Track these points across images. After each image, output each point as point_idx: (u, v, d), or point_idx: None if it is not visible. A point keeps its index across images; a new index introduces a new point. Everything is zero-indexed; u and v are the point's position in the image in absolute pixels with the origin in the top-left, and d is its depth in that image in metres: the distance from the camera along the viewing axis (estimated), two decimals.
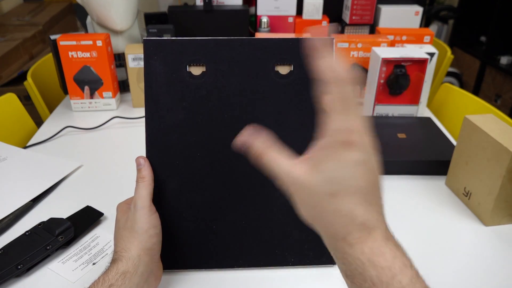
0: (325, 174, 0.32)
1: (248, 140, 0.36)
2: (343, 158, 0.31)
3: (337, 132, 0.32)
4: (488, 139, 0.63)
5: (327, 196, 0.32)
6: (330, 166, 0.32)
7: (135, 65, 0.99)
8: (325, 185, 0.32)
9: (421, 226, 0.66)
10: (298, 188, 0.33)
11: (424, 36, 1.03)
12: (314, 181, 0.32)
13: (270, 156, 0.35)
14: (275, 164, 0.34)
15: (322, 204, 0.32)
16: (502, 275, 0.57)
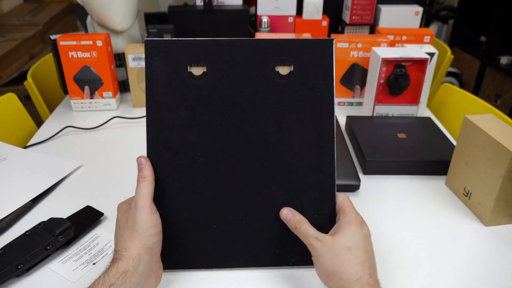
0: (346, 235, 0.48)
1: (288, 214, 0.53)
2: (358, 229, 0.49)
3: (354, 214, 0.52)
4: (488, 139, 0.63)
5: (345, 249, 0.47)
6: (351, 232, 0.49)
7: (135, 65, 0.99)
8: (345, 242, 0.48)
9: (421, 226, 0.66)
10: (322, 245, 0.48)
11: (424, 36, 1.03)
12: (337, 239, 0.48)
13: (306, 226, 0.51)
14: (310, 230, 0.50)
15: (340, 256, 0.47)
16: (502, 275, 0.57)
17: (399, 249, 0.61)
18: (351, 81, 1.03)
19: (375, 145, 0.81)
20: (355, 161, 0.82)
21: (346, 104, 1.05)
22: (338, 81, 1.02)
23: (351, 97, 1.05)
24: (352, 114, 1.01)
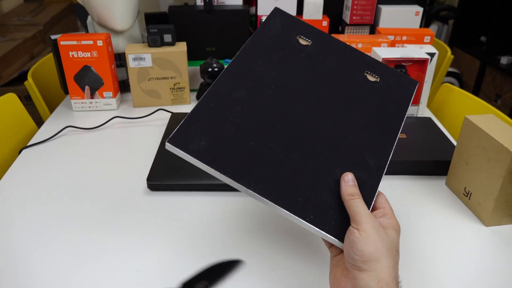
0: (396, 237, 0.46)
1: (351, 179, 0.49)
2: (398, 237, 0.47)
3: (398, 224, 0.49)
4: (489, 139, 0.63)
5: (395, 248, 0.45)
6: (397, 236, 0.47)
7: (135, 65, 0.99)
8: (395, 242, 0.46)
9: (421, 226, 0.66)
10: (378, 228, 0.45)
11: (424, 36, 1.03)
12: (391, 234, 0.46)
13: (359, 200, 0.47)
14: (365, 207, 0.46)
15: (391, 251, 0.44)
16: (502, 275, 0.57)
17: None
18: None
19: None
20: None
21: None
22: None
23: None
24: None
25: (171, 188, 0.73)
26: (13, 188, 0.74)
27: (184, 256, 0.60)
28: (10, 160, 0.85)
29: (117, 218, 0.67)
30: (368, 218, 0.45)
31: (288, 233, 0.64)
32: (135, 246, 0.61)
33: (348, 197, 0.47)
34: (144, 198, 0.71)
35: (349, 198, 0.47)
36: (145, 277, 0.56)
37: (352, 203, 0.46)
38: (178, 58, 1.00)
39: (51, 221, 0.66)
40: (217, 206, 0.70)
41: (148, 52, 0.98)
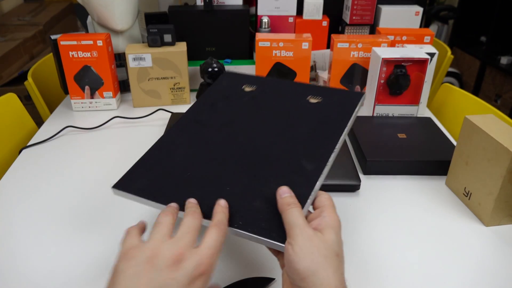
0: (334, 238, 0.42)
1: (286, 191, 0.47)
2: (338, 235, 0.44)
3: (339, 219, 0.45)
4: (489, 139, 0.63)
5: (335, 254, 0.42)
6: (337, 235, 0.43)
7: (135, 65, 0.99)
8: (334, 245, 0.42)
9: (421, 226, 0.66)
10: (312, 240, 0.41)
11: (424, 36, 1.03)
12: (328, 238, 0.42)
13: (297, 209, 0.44)
14: (300, 217, 0.43)
15: (329, 259, 0.41)
16: (502, 276, 0.57)
17: (398, 249, 0.61)
18: (351, 81, 1.03)
19: (375, 145, 0.81)
20: (355, 161, 0.82)
21: None
22: (338, 81, 1.02)
23: None
24: None
25: None
26: (13, 188, 0.74)
27: None
28: (10, 160, 0.86)
29: (117, 218, 0.67)
30: (301, 229, 0.42)
31: None
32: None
33: (283, 207, 0.45)
34: None
35: (285, 209, 0.44)
36: None
37: (288, 213, 0.44)
38: (178, 58, 1.00)
39: (50, 220, 0.66)
40: None
41: (148, 52, 0.98)
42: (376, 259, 0.59)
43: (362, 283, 0.56)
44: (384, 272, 0.57)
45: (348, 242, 0.63)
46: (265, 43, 0.98)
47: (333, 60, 1.00)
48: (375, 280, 0.56)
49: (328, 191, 0.72)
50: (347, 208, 0.70)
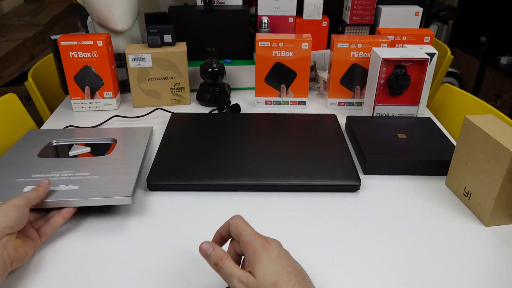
0: (265, 270, 0.44)
1: (213, 245, 0.47)
2: (268, 256, 0.45)
3: (255, 242, 0.46)
4: (488, 139, 0.63)
5: (271, 285, 0.43)
6: (265, 263, 0.44)
7: (135, 65, 0.99)
8: (267, 279, 0.43)
9: (421, 226, 0.66)
10: (249, 287, 0.44)
11: (424, 37, 1.03)
12: (260, 280, 0.43)
13: (229, 264, 0.46)
14: (234, 270, 0.45)
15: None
16: (502, 276, 0.57)
17: (398, 249, 0.61)
18: (351, 81, 1.03)
19: (375, 145, 0.81)
20: (355, 161, 0.82)
21: (346, 104, 1.06)
22: (338, 81, 1.02)
23: (351, 97, 1.05)
24: (352, 114, 1.01)
25: (171, 188, 0.73)
26: None
27: (184, 256, 0.60)
28: None
29: (117, 218, 0.67)
30: (239, 283, 0.44)
31: (289, 232, 0.64)
32: (135, 246, 0.61)
33: (216, 268, 0.46)
34: (144, 198, 0.71)
35: (218, 268, 0.46)
36: (145, 277, 0.56)
37: (223, 270, 0.46)
38: (178, 58, 1.00)
39: None
40: (217, 206, 0.70)
41: (148, 52, 0.98)
42: (376, 259, 0.60)
43: (362, 283, 0.56)
44: (384, 272, 0.57)
45: (348, 242, 0.63)
46: (265, 43, 0.98)
47: (333, 60, 1.00)
48: (375, 280, 0.56)
49: (328, 191, 0.73)
50: (347, 208, 0.70)
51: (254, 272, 0.44)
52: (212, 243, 0.47)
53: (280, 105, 1.06)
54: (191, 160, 0.76)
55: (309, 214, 0.68)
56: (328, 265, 0.58)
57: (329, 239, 0.63)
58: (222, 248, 0.47)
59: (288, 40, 0.97)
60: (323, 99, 1.12)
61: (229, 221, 0.49)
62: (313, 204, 0.70)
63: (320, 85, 1.14)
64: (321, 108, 1.06)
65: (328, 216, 0.68)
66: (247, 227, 0.47)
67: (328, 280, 0.56)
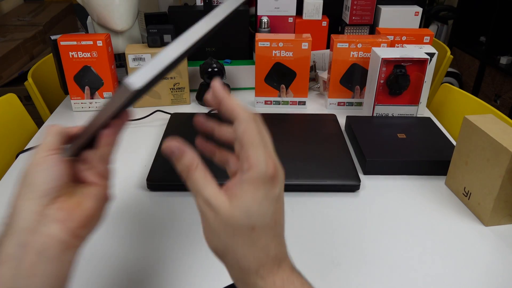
0: (247, 208, 0.32)
1: (179, 149, 0.35)
2: (267, 194, 0.33)
3: (263, 167, 0.33)
4: (488, 139, 0.63)
5: (247, 229, 0.33)
6: (253, 201, 0.32)
7: (135, 65, 0.99)
8: (245, 219, 0.33)
9: (421, 226, 0.66)
10: (215, 217, 0.33)
11: (424, 37, 1.03)
12: (235, 213, 0.33)
13: (198, 175, 0.35)
14: (201, 185, 0.34)
15: (239, 237, 0.33)
16: (501, 275, 0.57)
17: (398, 249, 0.61)
18: (351, 81, 1.03)
19: (375, 145, 0.81)
20: (355, 161, 0.82)
21: (346, 104, 1.06)
22: (338, 81, 1.03)
23: (351, 97, 1.05)
24: (352, 114, 1.01)
25: (171, 188, 0.73)
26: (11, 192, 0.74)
27: (184, 256, 0.60)
28: (10, 161, 0.86)
29: (117, 218, 0.67)
30: (206, 205, 0.34)
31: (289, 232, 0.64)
32: (135, 246, 0.61)
33: (184, 176, 0.36)
34: (144, 198, 0.71)
35: (187, 179, 0.36)
36: (145, 277, 0.56)
37: (191, 182, 0.35)
38: None
39: None
40: None
41: (148, 52, 0.98)
42: (376, 259, 0.60)
43: (362, 283, 0.56)
44: (384, 272, 0.57)
45: (347, 242, 0.63)
46: (265, 43, 0.98)
47: (332, 60, 1.00)
48: (375, 280, 0.56)
49: (328, 191, 0.73)
50: (347, 208, 0.70)
51: (232, 198, 0.33)
52: (183, 146, 0.35)
53: (280, 105, 1.06)
54: None
55: (309, 214, 0.68)
56: (328, 265, 0.58)
57: (329, 239, 0.63)
58: (193, 152, 0.35)
59: (288, 40, 0.97)
60: (323, 99, 1.12)
61: (240, 117, 0.34)
62: (313, 204, 0.70)
63: (320, 85, 1.14)
64: (321, 108, 1.07)
65: (327, 216, 0.68)
66: (261, 143, 0.33)
67: (328, 280, 0.56)
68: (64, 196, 0.37)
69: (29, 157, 0.37)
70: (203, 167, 0.35)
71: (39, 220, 0.35)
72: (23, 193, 0.36)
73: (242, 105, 0.34)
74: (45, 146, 0.38)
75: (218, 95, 0.35)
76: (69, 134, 0.40)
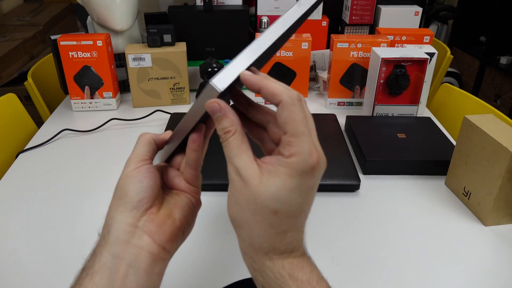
0: (277, 191, 0.31)
1: (222, 110, 0.33)
2: (301, 184, 0.31)
3: (305, 157, 0.31)
4: (488, 139, 0.63)
5: (269, 211, 0.31)
6: (285, 186, 0.31)
7: (135, 65, 0.99)
8: (271, 201, 0.31)
9: (421, 226, 0.66)
10: (242, 188, 0.32)
11: (424, 36, 1.03)
12: (263, 192, 0.31)
13: (233, 142, 0.32)
14: (235, 153, 0.32)
15: (259, 216, 0.32)
16: (501, 275, 0.57)
17: (398, 249, 0.61)
18: (351, 81, 1.03)
19: (375, 145, 0.81)
20: (355, 161, 0.82)
21: (346, 104, 1.06)
22: (338, 81, 1.02)
23: (351, 97, 1.05)
24: (352, 114, 1.01)
25: None
26: (11, 192, 0.74)
27: (184, 256, 0.60)
28: (10, 161, 0.86)
29: None
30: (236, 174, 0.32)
31: None
32: None
33: (221, 138, 0.33)
34: None
35: (222, 141, 0.34)
36: None
37: (226, 146, 0.33)
38: (178, 58, 1.00)
39: (49, 224, 0.66)
40: (216, 206, 0.70)
41: (147, 52, 0.98)
42: (376, 259, 0.60)
43: (362, 283, 0.56)
44: (384, 272, 0.57)
45: (347, 241, 0.63)
46: None
47: (332, 60, 1.00)
48: (375, 280, 0.56)
49: (328, 191, 0.73)
50: (346, 208, 0.70)
51: (264, 174, 0.31)
52: (227, 109, 0.33)
53: None
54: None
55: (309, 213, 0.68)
56: (327, 264, 0.58)
57: (329, 239, 0.63)
58: (236, 117, 0.33)
59: (287, 40, 0.97)
60: (322, 99, 1.12)
61: (283, 102, 0.31)
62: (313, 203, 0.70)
63: (320, 85, 1.14)
64: (320, 108, 1.07)
65: (327, 215, 0.68)
66: (305, 130, 0.31)
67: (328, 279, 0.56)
68: (155, 207, 0.37)
69: (122, 169, 0.38)
70: (241, 135, 0.33)
71: (132, 232, 0.35)
72: (116, 205, 0.37)
73: (284, 86, 0.32)
74: (136, 157, 0.39)
75: (254, 84, 0.32)
76: (160, 140, 0.41)
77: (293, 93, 0.31)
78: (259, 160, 0.33)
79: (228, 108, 0.33)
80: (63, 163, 0.82)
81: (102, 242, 0.36)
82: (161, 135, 0.42)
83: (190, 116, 0.35)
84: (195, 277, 0.56)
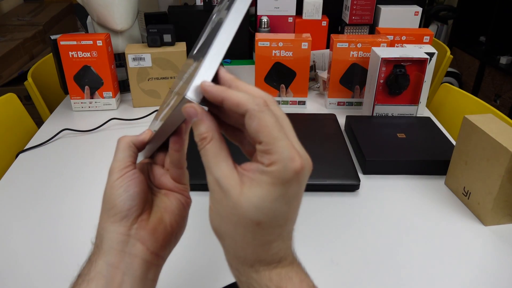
0: (260, 202, 0.28)
1: (198, 115, 0.31)
2: (285, 193, 0.29)
3: (286, 163, 0.28)
4: (488, 139, 0.63)
5: (251, 223, 0.29)
6: (268, 197, 0.28)
7: (135, 65, 0.99)
8: (253, 212, 0.29)
9: (421, 225, 0.66)
10: (222, 199, 0.30)
11: (424, 36, 1.03)
12: (245, 203, 0.29)
13: (211, 150, 0.31)
14: (213, 162, 0.31)
15: (242, 228, 0.30)
16: (501, 275, 0.57)
17: (398, 248, 0.61)
18: (351, 81, 1.03)
19: (375, 145, 0.81)
20: (355, 161, 0.82)
21: (346, 104, 1.06)
22: (337, 81, 1.03)
23: (350, 97, 1.05)
24: (352, 114, 1.01)
25: None
26: (11, 192, 0.74)
27: (183, 256, 0.60)
28: (10, 161, 0.86)
29: None
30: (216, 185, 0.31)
31: None
32: None
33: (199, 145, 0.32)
34: None
35: (200, 149, 0.32)
36: None
37: (204, 154, 0.31)
38: (178, 58, 1.00)
39: (49, 224, 0.66)
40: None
41: (147, 52, 0.98)
42: (375, 258, 0.60)
43: (362, 283, 0.56)
44: (384, 271, 0.57)
45: (347, 241, 0.63)
46: (265, 43, 0.98)
47: (332, 60, 1.00)
48: (375, 280, 0.56)
49: (328, 191, 0.73)
50: (346, 208, 0.70)
51: (245, 183, 0.29)
52: (204, 114, 0.31)
53: (279, 105, 1.06)
54: (190, 160, 0.76)
55: (309, 214, 0.68)
56: (327, 264, 0.58)
57: (328, 239, 0.63)
58: (213, 123, 0.31)
59: (287, 40, 0.97)
60: (322, 99, 1.12)
61: (249, 112, 0.28)
62: (313, 203, 0.70)
63: (320, 85, 1.14)
64: (320, 108, 1.07)
65: (327, 215, 0.68)
66: (280, 135, 0.28)
67: (328, 279, 0.56)
68: (145, 213, 0.37)
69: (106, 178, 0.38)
70: (218, 142, 0.31)
71: (125, 241, 0.36)
72: (106, 216, 0.36)
73: (247, 94, 0.29)
74: (118, 164, 0.38)
75: (215, 97, 0.30)
76: (140, 142, 0.41)
77: (258, 99, 0.29)
78: (240, 168, 0.31)
79: (205, 113, 0.31)
80: (63, 163, 0.82)
81: (96, 250, 0.36)
82: (140, 137, 0.41)
83: (168, 124, 0.35)
84: (191, 279, 0.56)
